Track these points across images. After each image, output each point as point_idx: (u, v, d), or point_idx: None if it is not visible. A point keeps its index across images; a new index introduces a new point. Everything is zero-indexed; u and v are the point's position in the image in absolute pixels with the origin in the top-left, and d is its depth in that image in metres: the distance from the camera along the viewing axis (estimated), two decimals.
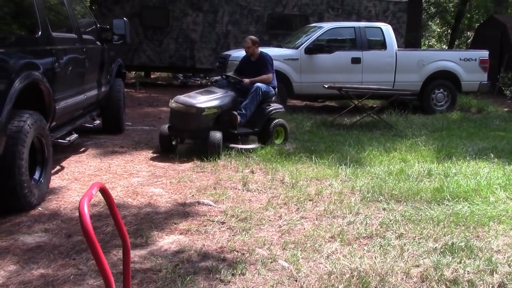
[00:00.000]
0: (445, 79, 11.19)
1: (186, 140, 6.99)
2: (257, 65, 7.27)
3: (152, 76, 17.92)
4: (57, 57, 5.08)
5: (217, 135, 6.33)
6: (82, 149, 6.50)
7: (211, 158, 6.14)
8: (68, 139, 5.54)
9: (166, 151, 6.54)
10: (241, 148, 6.60)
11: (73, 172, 5.55)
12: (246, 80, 7.11)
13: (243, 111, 6.90)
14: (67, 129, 5.64)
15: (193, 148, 6.87)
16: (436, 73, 11.10)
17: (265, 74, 7.21)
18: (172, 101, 6.60)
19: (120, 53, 8.51)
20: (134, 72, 17.04)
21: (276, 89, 7.51)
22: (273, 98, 7.33)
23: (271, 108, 7.13)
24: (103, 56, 7.01)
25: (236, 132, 6.74)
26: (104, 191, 1.71)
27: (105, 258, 1.53)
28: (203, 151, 6.32)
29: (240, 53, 10.49)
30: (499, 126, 9.52)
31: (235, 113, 6.72)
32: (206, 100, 6.58)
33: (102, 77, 6.92)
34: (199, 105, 6.44)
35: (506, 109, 12.23)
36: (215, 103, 6.61)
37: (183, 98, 6.61)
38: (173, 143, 6.68)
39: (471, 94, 12.10)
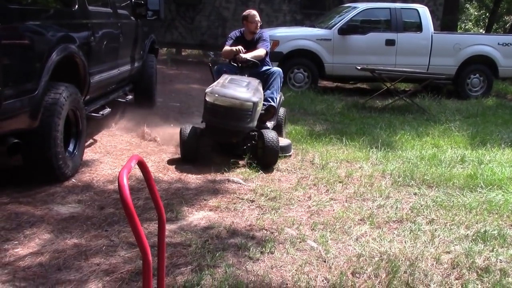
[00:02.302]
0: (481, 64, 10.89)
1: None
2: (254, 44, 6.01)
3: (183, 53, 17.95)
4: (92, 31, 5.12)
5: (273, 136, 5.14)
6: (115, 123, 6.57)
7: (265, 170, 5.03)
8: (101, 113, 5.61)
9: (189, 160, 5.18)
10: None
11: (106, 146, 5.63)
12: (246, 55, 5.80)
13: (273, 102, 5.76)
14: (101, 103, 5.70)
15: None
16: (473, 58, 10.80)
17: (259, 49, 5.92)
18: (214, 94, 5.02)
19: (154, 29, 8.53)
20: (165, 49, 17.09)
21: None
22: None
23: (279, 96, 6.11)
24: (137, 31, 7.03)
25: (268, 127, 5.59)
26: (142, 164, 1.73)
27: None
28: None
29: (272, 31, 10.43)
30: None
31: (274, 105, 5.72)
32: (251, 91, 5.21)
33: (135, 53, 6.95)
34: (253, 99, 5.08)
35: None
36: (260, 95, 5.37)
37: (226, 90, 5.08)
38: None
39: (508, 80, 11.77)
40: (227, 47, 6.04)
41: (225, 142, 5.33)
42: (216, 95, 5.01)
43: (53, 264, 3.02)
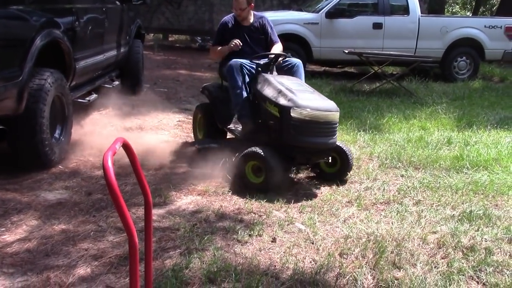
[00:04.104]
0: (468, 47, 10.93)
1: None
2: (253, 32, 5.06)
3: (170, 39, 17.83)
4: (77, 16, 5.05)
5: (350, 148, 4.73)
6: (102, 109, 6.53)
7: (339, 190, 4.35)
8: (88, 98, 5.57)
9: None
10: None
11: (93, 132, 5.59)
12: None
13: None
14: (87, 88, 5.66)
15: None
16: (459, 41, 10.82)
17: (278, 43, 5.15)
18: (305, 109, 4.04)
19: (140, 14, 8.45)
20: (152, 35, 16.95)
21: None
22: None
23: None
24: (122, 16, 6.96)
25: None
26: (127, 147, 1.72)
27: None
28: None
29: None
30: None
31: None
32: (325, 97, 4.49)
33: (121, 38, 6.89)
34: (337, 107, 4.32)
35: None
36: None
37: (315, 102, 4.16)
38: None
39: (494, 63, 11.83)
40: (218, 48, 5.07)
41: (312, 162, 4.43)
42: (308, 110, 4.04)
43: (41, 250, 3.01)
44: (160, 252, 3.05)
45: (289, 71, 4.87)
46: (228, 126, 4.80)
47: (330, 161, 4.38)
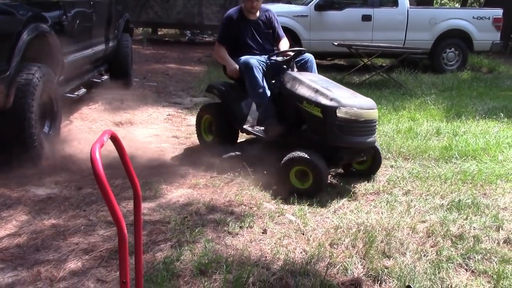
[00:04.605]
0: (456, 38, 10.98)
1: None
2: (260, 26, 4.85)
3: (159, 33, 17.74)
4: (64, 9, 5.02)
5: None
6: (91, 103, 6.50)
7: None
8: (76, 93, 5.54)
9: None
10: None
11: (82, 126, 5.58)
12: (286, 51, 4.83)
13: None
14: (76, 83, 5.63)
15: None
16: (448, 32, 10.88)
17: (284, 38, 5.02)
18: (352, 108, 3.93)
19: (128, 8, 8.39)
20: (141, 29, 16.87)
21: None
22: None
23: None
24: (110, 10, 6.91)
25: None
26: (115, 139, 1.72)
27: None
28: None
29: None
30: (510, 86, 9.40)
31: None
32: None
33: (109, 32, 6.85)
34: None
35: None
36: None
37: (357, 100, 4.08)
38: None
39: (482, 54, 11.90)
40: (224, 53, 4.76)
41: (354, 162, 4.39)
42: (355, 109, 3.93)
43: (31, 245, 3.00)
44: (151, 245, 3.05)
45: (302, 66, 4.66)
46: (247, 128, 4.62)
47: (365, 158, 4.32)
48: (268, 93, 4.49)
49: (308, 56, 4.74)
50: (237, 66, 4.62)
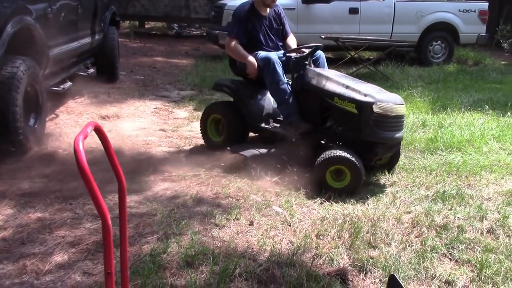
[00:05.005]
0: (443, 31, 11.05)
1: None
2: (271, 22, 4.70)
3: (146, 26, 17.63)
4: (49, 2, 4.97)
5: None
6: (77, 97, 6.46)
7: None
8: (62, 86, 5.51)
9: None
10: None
11: (68, 120, 5.55)
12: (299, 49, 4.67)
13: None
14: (61, 76, 5.59)
15: None
16: (434, 25, 10.95)
17: (291, 35, 4.90)
18: (387, 103, 3.94)
19: (114, 1, 8.33)
20: (128, 22, 16.75)
21: None
22: None
23: None
24: (96, 3, 6.86)
25: None
26: (99, 131, 1.71)
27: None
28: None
29: (237, 2, 10.29)
30: (495, 79, 9.49)
31: None
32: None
33: (95, 25, 6.80)
34: None
35: (503, 62, 12.15)
36: None
37: (388, 95, 4.08)
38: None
39: (468, 46, 11.99)
40: (241, 50, 4.53)
41: (385, 157, 4.32)
42: (390, 104, 3.94)
43: (17, 238, 2.99)
44: (138, 237, 3.05)
45: (314, 63, 4.57)
46: (265, 126, 4.52)
47: None
48: (289, 89, 4.37)
49: (320, 52, 4.66)
50: (251, 70, 4.47)
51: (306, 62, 4.42)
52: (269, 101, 4.65)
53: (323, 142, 4.36)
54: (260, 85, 4.57)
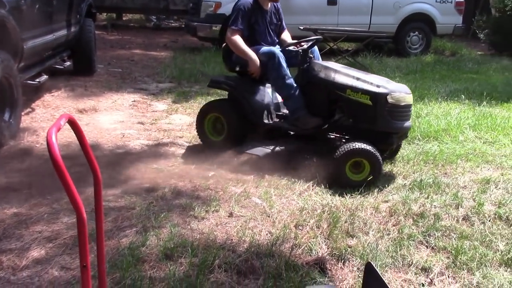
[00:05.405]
0: (420, 22, 11.15)
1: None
2: (271, 17, 4.64)
3: (124, 18, 17.43)
4: None
5: None
6: (53, 90, 6.37)
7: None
8: (37, 80, 5.43)
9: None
10: None
11: (44, 114, 5.47)
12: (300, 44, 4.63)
13: None
14: (37, 70, 5.51)
15: None
16: (412, 16, 11.03)
17: (286, 30, 4.87)
18: (400, 93, 4.00)
19: None
20: (105, 14, 16.54)
21: None
22: None
23: None
24: None
25: None
26: (72, 123, 1.69)
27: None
28: None
29: None
30: (472, 69, 9.62)
31: None
32: None
33: (71, 17, 6.69)
34: None
35: (479, 52, 12.32)
36: None
37: (398, 86, 4.15)
38: None
39: (445, 37, 12.12)
40: (244, 45, 4.34)
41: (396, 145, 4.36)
42: (402, 94, 4.00)
43: None
44: (116, 231, 3.04)
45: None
46: (270, 122, 4.41)
47: None
48: (295, 84, 4.28)
49: (316, 49, 4.61)
50: (253, 71, 4.34)
51: (311, 56, 4.37)
52: (269, 96, 4.54)
53: (333, 135, 4.35)
54: (256, 80, 4.45)
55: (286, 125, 4.39)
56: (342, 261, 2.82)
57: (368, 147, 3.84)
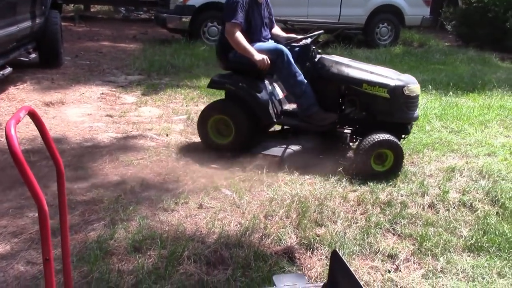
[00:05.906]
0: (389, 13, 11.27)
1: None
2: (264, 10, 4.43)
3: (92, 10, 17.12)
4: None
5: None
6: (19, 83, 6.23)
7: None
8: (1, 73, 5.30)
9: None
10: None
11: (9, 107, 5.35)
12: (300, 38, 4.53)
13: None
14: (0, 62, 5.37)
15: None
16: (381, 7, 11.14)
17: (276, 25, 4.71)
18: (413, 84, 4.10)
19: None
20: (73, 5, 16.22)
21: None
22: None
23: None
24: None
25: None
26: (33, 115, 1.66)
27: (41, 191, 1.50)
28: None
29: None
30: (439, 60, 9.77)
31: None
32: None
33: (36, 8, 6.54)
34: None
35: (446, 44, 12.51)
36: None
37: (407, 76, 4.22)
38: None
39: (414, 29, 12.29)
40: (245, 42, 4.13)
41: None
42: (416, 85, 4.10)
43: None
44: (84, 225, 3.00)
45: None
46: (282, 120, 4.34)
47: None
48: (305, 80, 4.18)
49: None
50: (260, 62, 4.10)
51: (320, 51, 4.36)
52: (272, 93, 4.40)
53: (342, 129, 4.37)
54: (255, 78, 4.28)
55: (298, 121, 4.29)
56: (311, 250, 2.85)
57: (393, 139, 3.91)
